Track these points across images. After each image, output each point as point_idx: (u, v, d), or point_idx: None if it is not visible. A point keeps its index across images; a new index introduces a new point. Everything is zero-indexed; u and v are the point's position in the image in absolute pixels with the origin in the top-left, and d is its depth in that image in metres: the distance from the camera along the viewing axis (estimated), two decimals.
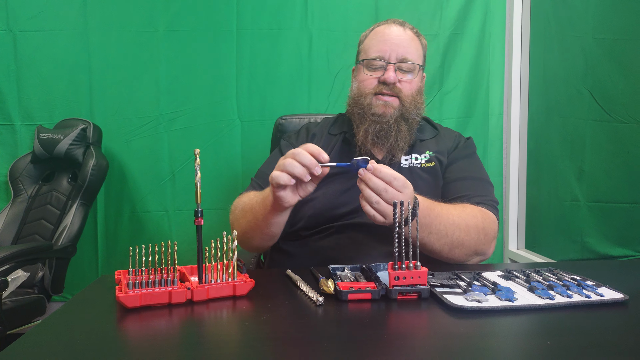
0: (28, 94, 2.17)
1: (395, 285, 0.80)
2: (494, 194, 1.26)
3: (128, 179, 2.22)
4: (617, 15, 1.72)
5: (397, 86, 1.21)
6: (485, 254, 1.14)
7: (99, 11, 2.16)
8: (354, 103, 1.27)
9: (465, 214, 1.08)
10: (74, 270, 2.12)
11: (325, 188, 1.21)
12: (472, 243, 1.08)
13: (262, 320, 0.75)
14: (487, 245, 1.12)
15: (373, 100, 1.22)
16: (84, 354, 0.63)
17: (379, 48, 1.24)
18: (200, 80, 2.19)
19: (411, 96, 1.23)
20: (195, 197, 0.85)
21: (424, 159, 1.26)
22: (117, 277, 0.89)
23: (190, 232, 2.19)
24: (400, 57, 1.22)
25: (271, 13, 2.18)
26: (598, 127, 1.78)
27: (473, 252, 1.10)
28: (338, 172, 1.23)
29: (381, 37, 1.25)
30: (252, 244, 1.17)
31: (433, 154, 1.27)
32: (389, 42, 1.23)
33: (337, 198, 1.21)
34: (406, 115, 1.22)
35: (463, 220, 1.06)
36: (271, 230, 1.10)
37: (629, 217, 1.68)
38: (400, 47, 1.22)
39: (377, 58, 1.23)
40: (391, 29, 1.26)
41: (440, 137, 1.33)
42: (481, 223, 1.10)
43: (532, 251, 2.19)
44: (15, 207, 2.10)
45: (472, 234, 1.07)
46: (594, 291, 0.80)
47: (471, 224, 1.07)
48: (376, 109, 1.21)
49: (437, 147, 1.29)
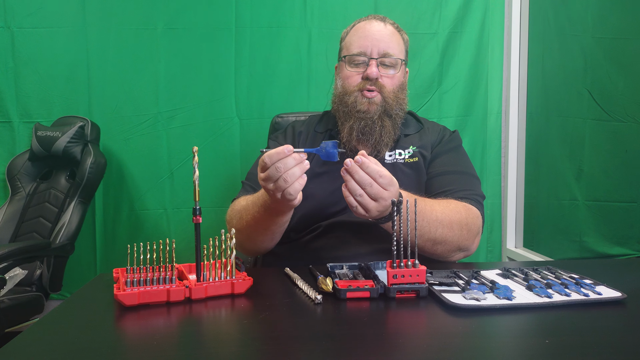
0: (26, 91, 2.16)
1: (393, 284, 0.80)
2: (480, 188, 1.25)
3: (126, 176, 2.21)
4: (617, 15, 1.72)
5: (379, 81, 1.22)
6: (468, 250, 1.14)
7: (98, 9, 2.15)
8: (339, 101, 1.27)
9: (449, 210, 1.08)
10: (72, 268, 2.11)
11: (315, 187, 1.21)
12: (455, 239, 1.08)
13: (260, 318, 0.75)
14: (470, 241, 1.12)
15: (358, 97, 1.23)
16: (82, 352, 0.63)
17: (360, 44, 1.24)
18: (199, 78, 2.18)
19: (393, 92, 1.24)
20: (194, 195, 0.85)
21: (408, 154, 1.27)
22: (115, 275, 0.88)
23: (189, 230, 2.19)
24: (382, 52, 1.22)
25: (270, 11, 2.17)
26: (597, 126, 1.79)
27: (456, 248, 1.10)
28: (325, 172, 1.24)
29: (362, 32, 1.26)
30: (261, 247, 1.18)
31: (417, 149, 1.28)
32: (370, 37, 1.23)
33: (327, 197, 1.21)
34: (389, 111, 1.23)
35: (446, 217, 1.06)
36: (282, 228, 1.12)
37: (628, 216, 1.69)
38: (381, 42, 1.23)
39: (359, 54, 1.23)
40: (372, 25, 1.26)
41: (425, 131, 1.33)
42: (465, 219, 1.09)
43: (530, 250, 2.19)
44: (13, 205, 2.09)
45: (456, 230, 1.07)
46: (592, 290, 0.80)
47: (454, 220, 1.07)
48: (361, 106, 1.22)
49: (420, 142, 1.29)
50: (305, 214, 1.21)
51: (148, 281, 0.80)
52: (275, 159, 0.89)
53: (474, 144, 2.24)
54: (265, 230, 1.11)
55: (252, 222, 1.10)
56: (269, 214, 1.05)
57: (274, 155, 0.89)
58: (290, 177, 0.89)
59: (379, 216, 0.95)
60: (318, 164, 1.25)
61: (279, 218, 1.06)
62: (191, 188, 0.85)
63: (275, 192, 0.92)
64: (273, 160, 0.89)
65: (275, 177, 0.89)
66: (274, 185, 0.91)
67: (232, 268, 0.85)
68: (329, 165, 1.25)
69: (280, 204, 0.96)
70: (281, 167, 0.88)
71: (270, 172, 0.90)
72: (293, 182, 0.89)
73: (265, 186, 0.93)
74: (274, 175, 0.89)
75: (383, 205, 0.91)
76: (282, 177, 0.89)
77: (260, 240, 1.14)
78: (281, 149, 0.89)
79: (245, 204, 1.14)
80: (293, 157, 0.89)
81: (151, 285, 0.80)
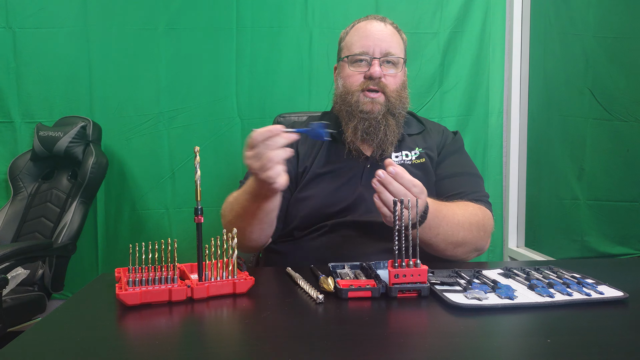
0: (28, 91, 2.17)
1: (395, 283, 0.80)
2: (484, 188, 1.28)
3: (128, 176, 2.21)
4: (618, 14, 1.72)
5: (382, 81, 1.22)
6: (482, 250, 1.17)
7: (99, 9, 2.15)
8: (341, 101, 1.27)
9: (468, 212, 1.11)
10: (74, 268, 2.12)
11: (318, 187, 1.22)
12: (474, 241, 1.11)
13: (262, 318, 0.75)
14: (485, 241, 1.16)
15: (360, 97, 1.23)
16: (84, 352, 0.63)
17: (362, 44, 1.24)
18: (201, 78, 2.18)
19: (396, 91, 1.24)
20: (195, 195, 0.85)
21: (414, 155, 1.27)
22: (117, 275, 0.89)
23: (191, 230, 2.19)
24: (384, 52, 1.23)
25: (271, 11, 2.17)
26: (598, 125, 1.78)
27: (474, 249, 1.13)
28: (329, 171, 1.24)
29: (363, 32, 1.26)
30: (251, 239, 1.17)
31: (423, 150, 1.28)
32: (372, 37, 1.24)
33: (330, 196, 1.21)
34: (393, 110, 1.23)
35: (467, 220, 1.09)
36: (270, 217, 1.11)
37: (629, 215, 1.69)
38: (383, 41, 1.23)
39: (361, 53, 1.24)
40: (372, 25, 1.27)
41: (428, 132, 1.34)
42: (481, 220, 1.13)
43: (532, 249, 2.19)
44: (15, 205, 2.10)
45: (474, 232, 1.10)
46: (594, 289, 0.80)
47: (473, 222, 1.10)
48: (364, 106, 1.22)
49: (425, 143, 1.31)
50: (307, 214, 1.21)
51: (150, 281, 0.80)
52: (267, 136, 0.89)
53: (476, 144, 2.24)
54: (253, 219, 1.09)
55: (241, 212, 1.10)
56: (254, 199, 1.04)
57: (265, 132, 0.89)
58: (276, 157, 0.89)
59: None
60: (320, 165, 1.25)
61: (264, 203, 1.05)
62: (192, 188, 0.86)
63: (259, 173, 0.92)
64: (264, 136, 0.89)
65: (262, 154, 0.90)
66: (259, 164, 0.91)
67: (233, 268, 0.85)
68: (331, 166, 1.25)
69: (264, 187, 0.96)
70: (270, 143, 0.89)
71: (260, 150, 0.90)
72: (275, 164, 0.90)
73: (251, 165, 0.93)
74: (263, 152, 0.90)
75: (413, 213, 0.91)
76: (267, 155, 0.89)
77: (249, 231, 1.13)
78: (272, 127, 0.89)
79: (237, 195, 1.14)
80: (283, 136, 0.90)
81: (153, 285, 0.80)
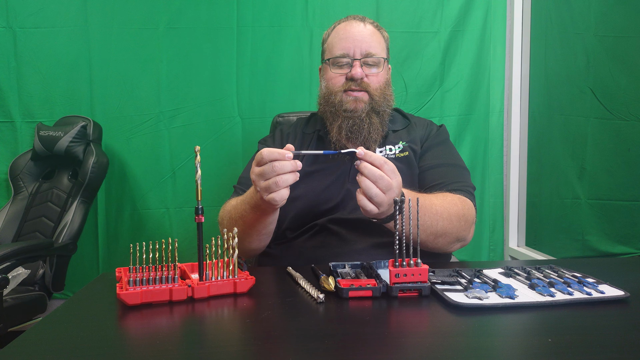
0: (28, 91, 2.17)
1: (396, 283, 0.80)
2: (469, 179, 1.28)
3: (128, 176, 2.21)
4: (619, 13, 1.71)
5: (364, 81, 1.24)
6: (465, 240, 1.16)
7: (100, 8, 2.15)
8: (324, 102, 1.28)
9: (446, 202, 1.10)
10: (74, 268, 2.12)
11: (307, 186, 1.22)
12: (455, 230, 1.10)
13: (262, 317, 0.75)
14: (467, 232, 1.15)
15: (343, 97, 1.24)
16: (85, 352, 0.63)
17: (342, 45, 1.25)
18: (201, 78, 2.19)
19: (379, 89, 1.25)
20: (196, 194, 0.85)
21: (398, 149, 1.28)
22: (118, 275, 0.89)
23: (191, 229, 2.19)
24: (364, 52, 1.24)
25: (272, 10, 2.17)
26: (599, 124, 1.78)
27: (455, 239, 1.12)
28: (315, 171, 1.25)
29: (343, 34, 1.27)
30: (250, 248, 1.18)
31: (406, 143, 1.29)
32: (352, 38, 1.25)
33: (319, 195, 1.22)
34: (376, 108, 1.24)
35: (445, 210, 1.08)
36: (269, 229, 1.12)
37: (630, 215, 1.68)
38: (363, 42, 1.24)
39: (342, 55, 1.25)
40: (352, 26, 1.28)
41: (412, 126, 1.35)
42: (461, 210, 1.12)
43: (532, 248, 2.19)
44: (16, 205, 2.10)
45: (454, 221, 1.09)
46: (595, 288, 0.80)
47: (452, 212, 1.09)
48: (347, 105, 1.23)
49: (409, 136, 1.31)
50: (298, 214, 1.22)
51: (150, 280, 0.80)
52: (274, 157, 0.89)
53: (476, 143, 2.24)
54: (252, 230, 1.10)
55: (240, 221, 1.10)
56: (254, 212, 1.05)
57: (274, 153, 0.89)
58: (283, 182, 0.90)
59: (382, 215, 0.95)
60: (308, 163, 1.26)
61: (264, 217, 1.06)
62: (193, 187, 0.86)
63: (263, 192, 0.92)
64: (272, 157, 0.89)
65: (269, 175, 0.90)
66: (265, 184, 0.91)
67: (234, 267, 0.85)
68: (319, 164, 1.26)
69: (264, 202, 0.96)
70: (277, 166, 0.89)
71: (266, 169, 0.90)
72: (281, 188, 0.90)
73: (256, 181, 0.93)
74: (269, 172, 0.90)
75: (391, 197, 0.91)
76: (274, 179, 0.89)
77: (248, 241, 1.14)
78: (282, 150, 0.89)
79: (235, 204, 1.15)
80: (291, 162, 0.89)
81: (154, 284, 0.80)
